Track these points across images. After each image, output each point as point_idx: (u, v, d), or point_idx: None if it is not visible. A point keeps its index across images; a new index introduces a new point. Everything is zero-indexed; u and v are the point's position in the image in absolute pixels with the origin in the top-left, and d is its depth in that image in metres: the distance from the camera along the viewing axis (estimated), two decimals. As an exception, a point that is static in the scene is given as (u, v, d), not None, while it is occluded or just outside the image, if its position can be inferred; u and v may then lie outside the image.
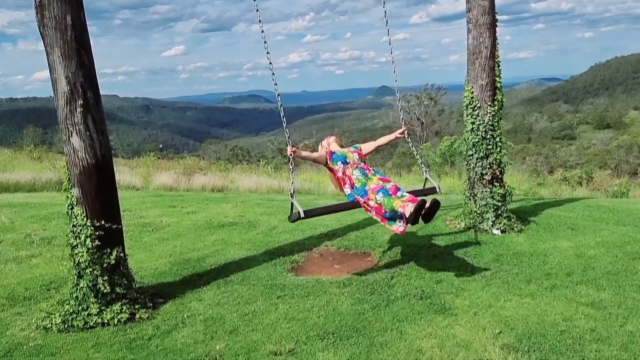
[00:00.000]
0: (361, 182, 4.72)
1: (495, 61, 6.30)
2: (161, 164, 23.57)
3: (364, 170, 4.82)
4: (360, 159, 4.99)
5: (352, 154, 4.98)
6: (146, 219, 8.12)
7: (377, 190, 4.54)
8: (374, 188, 4.59)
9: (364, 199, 4.66)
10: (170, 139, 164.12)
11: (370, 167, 4.95)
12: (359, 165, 4.87)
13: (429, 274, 4.92)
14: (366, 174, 4.79)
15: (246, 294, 4.74)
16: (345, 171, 4.86)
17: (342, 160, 4.90)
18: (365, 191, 4.64)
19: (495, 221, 6.23)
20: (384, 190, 4.53)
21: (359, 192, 4.70)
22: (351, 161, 4.90)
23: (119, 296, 4.40)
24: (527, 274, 4.78)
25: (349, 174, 4.83)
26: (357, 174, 4.78)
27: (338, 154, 4.95)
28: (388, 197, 4.45)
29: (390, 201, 4.41)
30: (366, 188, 4.65)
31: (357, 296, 4.53)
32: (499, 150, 6.34)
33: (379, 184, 4.65)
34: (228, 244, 6.34)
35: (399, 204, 4.35)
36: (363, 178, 4.74)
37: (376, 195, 4.51)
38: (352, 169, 4.83)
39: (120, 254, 4.47)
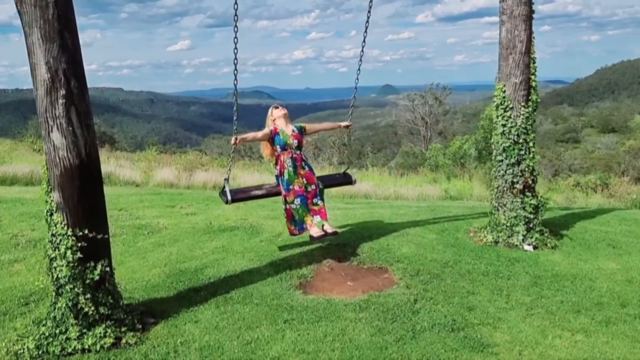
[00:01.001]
0: (289, 175, 5.11)
1: (530, 57, 5.67)
2: (163, 158, 23.05)
3: (295, 162, 5.16)
4: (299, 145, 5.23)
5: (293, 139, 5.21)
6: (142, 220, 7.52)
7: (297, 195, 5.04)
8: (296, 190, 5.06)
9: (284, 193, 5.15)
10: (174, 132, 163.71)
11: (303, 157, 5.26)
12: (293, 155, 5.18)
13: (458, 299, 4.31)
14: (295, 168, 5.14)
15: (248, 315, 4.14)
16: (280, 156, 5.20)
17: (281, 144, 5.19)
18: (289, 189, 5.10)
19: (526, 235, 5.62)
20: (302, 197, 5.04)
21: (284, 184, 5.15)
22: (289, 148, 5.19)
23: (103, 317, 3.80)
24: (574, 302, 4.17)
25: (282, 161, 5.17)
26: (288, 164, 5.14)
27: (280, 136, 5.19)
28: (303, 208, 5.01)
29: (303, 213, 5.01)
30: (290, 187, 5.09)
31: (376, 324, 3.92)
32: (532, 157, 5.72)
33: (302, 186, 5.09)
34: (229, 252, 5.74)
35: (309, 221, 5.00)
36: (292, 171, 5.13)
37: (295, 199, 5.04)
38: (286, 157, 5.16)
39: (106, 267, 3.87)
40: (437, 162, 19.87)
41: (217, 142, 60.49)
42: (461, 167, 18.54)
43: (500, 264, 5.06)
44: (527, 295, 4.33)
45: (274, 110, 5.43)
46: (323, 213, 5.06)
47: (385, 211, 7.82)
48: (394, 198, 13.08)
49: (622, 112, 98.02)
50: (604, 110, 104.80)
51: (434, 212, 7.63)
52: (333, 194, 12.77)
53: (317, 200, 5.10)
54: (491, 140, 6.04)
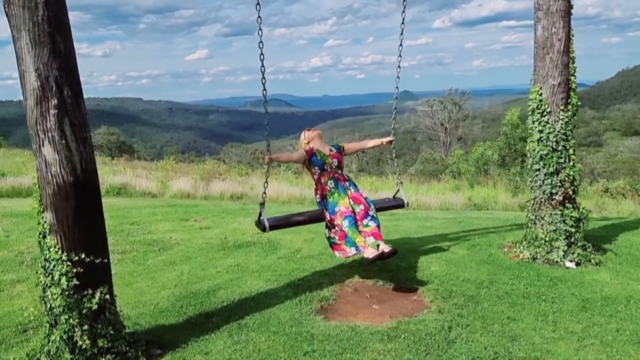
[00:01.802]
0: (333, 197, 4.59)
1: (569, 56, 5.19)
2: (181, 167, 22.89)
3: (339, 182, 4.66)
4: (339, 165, 4.80)
5: (331, 159, 4.78)
6: (154, 235, 7.20)
7: (345, 216, 4.47)
8: (343, 212, 4.50)
9: (330, 217, 4.59)
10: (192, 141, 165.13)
11: (346, 177, 4.76)
12: (335, 175, 4.71)
13: (498, 326, 3.84)
14: (340, 188, 4.63)
15: (264, 346, 3.72)
16: (320, 178, 4.73)
17: (319, 165, 4.74)
18: (334, 211, 4.55)
19: (567, 251, 5.12)
20: (351, 218, 4.47)
21: (328, 207, 4.61)
22: (328, 168, 4.74)
23: (102, 351, 3.43)
24: (632, 330, 3.66)
25: (323, 183, 4.69)
26: (330, 185, 4.65)
27: (317, 157, 4.75)
28: (353, 229, 4.43)
29: (354, 235, 4.42)
30: (336, 209, 4.55)
31: (407, 357, 3.47)
32: (572, 165, 5.22)
33: (348, 207, 4.53)
34: (244, 271, 5.34)
35: (361, 242, 4.38)
36: (336, 193, 4.61)
37: (343, 221, 4.47)
38: (327, 178, 4.69)
39: (106, 295, 3.50)
40: (459, 169, 19.29)
41: (236, 150, 60.54)
42: (484, 174, 17.94)
43: (541, 284, 4.56)
44: (576, 322, 3.83)
45: (307, 132, 4.98)
46: (377, 234, 4.47)
47: (411, 224, 7.36)
48: (416, 206, 12.59)
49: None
50: (627, 113, 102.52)
51: (462, 225, 7.15)
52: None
53: (368, 221, 4.52)
54: (526, 147, 5.57)
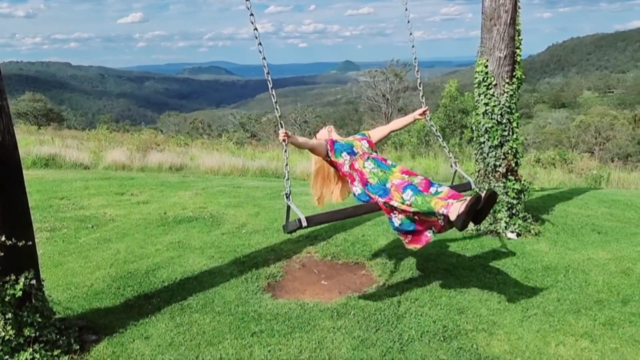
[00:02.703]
0: (378, 176, 3.51)
1: (516, 29, 5.20)
2: (115, 137, 21.78)
3: (379, 161, 3.63)
4: (371, 147, 3.84)
5: (359, 141, 3.82)
6: (87, 211, 6.74)
7: (404, 187, 3.31)
8: (398, 184, 3.36)
9: (384, 199, 3.42)
10: (127, 109, 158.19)
11: (384, 158, 3.73)
12: (370, 156, 3.69)
13: (446, 299, 3.86)
14: (384, 166, 3.60)
15: (209, 328, 3.55)
16: (353, 164, 3.66)
17: (348, 150, 3.72)
18: (386, 189, 3.41)
19: (509, 222, 5.24)
20: (412, 186, 3.32)
21: (377, 190, 3.47)
22: (360, 151, 3.73)
23: (30, 340, 3.14)
24: (572, 300, 3.79)
25: (358, 168, 3.63)
26: (370, 167, 3.59)
27: (342, 142, 3.78)
28: (421, 195, 3.24)
29: (426, 200, 3.20)
30: (387, 185, 3.42)
31: (357, 334, 3.42)
32: (515, 138, 5.31)
33: (404, 178, 3.42)
34: (186, 249, 5.10)
35: (440, 202, 3.14)
36: (380, 171, 3.54)
37: (403, 194, 3.29)
38: (363, 161, 3.64)
39: (31, 280, 3.18)
40: (400, 140, 19.55)
41: (174, 119, 58.44)
42: (425, 145, 18.30)
43: (486, 255, 4.65)
44: (520, 292, 3.93)
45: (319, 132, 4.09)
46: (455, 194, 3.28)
47: (356, 196, 7.32)
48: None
49: (571, 88, 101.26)
50: (555, 86, 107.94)
51: (407, 196, 7.19)
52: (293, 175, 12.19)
53: (437, 188, 3.39)
54: (466, 119, 5.59)
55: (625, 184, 12.51)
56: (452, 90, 22.04)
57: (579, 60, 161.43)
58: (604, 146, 36.89)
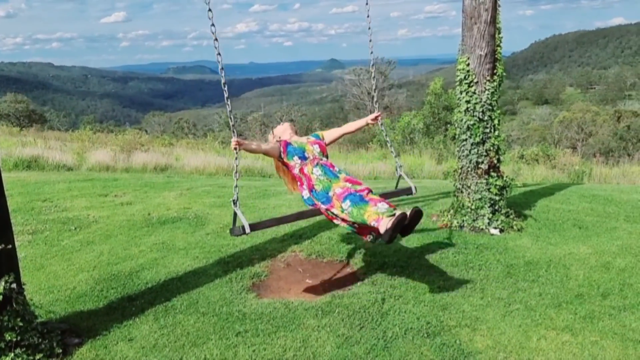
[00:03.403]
0: (323, 184, 3.72)
1: (496, 27, 5.26)
2: (99, 138, 21.54)
3: (327, 168, 3.82)
4: (322, 152, 4.01)
5: (311, 145, 3.99)
6: (69, 213, 6.67)
7: (345, 197, 3.54)
8: (340, 193, 3.58)
9: (326, 206, 3.67)
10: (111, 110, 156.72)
11: (334, 164, 3.93)
12: (320, 162, 3.87)
13: (429, 295, 3.90)
14: (330, 173, 3.79)
15: (193, 329, 3.54)
16: (303, 168, 3.87)
17: (299, 154, 3.90)
18: (329, 197, 3.64)
19: (492, 218, 5.29)
20: (352, 196, 3.53)
21: (320, 197, 3.71)
22: (311, 156, 3.91)
23: (11, 345, 3.10)
24: (552, 294, 3.84)
25: (307, 173, 3.83)
26: (317, 173, 3.79)
27: (294, 146, 3.95)
28: (357, 207, 3.46)
29: (361, 212, 3.42)
30: (330, 193, 3.65)
31: (342, 332, 3.44)
32: (497, 135, 5.36)
33: (345, 187, 3.63)
34: (170, 250, 5.07)
35: (372, 215, 3.37)
36: (325, 179, 3.74)
37: (342, 203, 3.53)
38: (312, 167, 3.83)
39: (12, 284, 3.15)
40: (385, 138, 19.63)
41: (158, 119, 58.02)
42: (410, 142, 18.39)
43: (468, 252, 4.70)
44: (502, 288, 3.98)
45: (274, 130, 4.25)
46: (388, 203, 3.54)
47: (341, 194, 7.34)
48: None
49: (554, 85, 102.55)
50: (538, 83, 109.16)
51: (392, 194, 7.22)
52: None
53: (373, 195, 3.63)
54: (450, 116, 5.64)
55: (607, 179, 12.71)
56: (437, 88, 22.19)
57: (562, 57, 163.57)
58: (587, 142, 37.41)
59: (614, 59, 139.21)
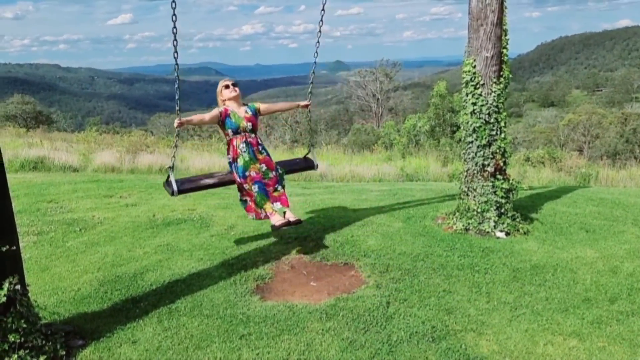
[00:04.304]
0: (244, 161, 4.55)
1: (502, 29, 5.22)
2: (104, 139, 21.59)
3: (250, 146, 4.61)
4: (253, 128, 4.70)
5: (246, 122, 4.67)
6: (75, 214, 6.68)
7: (255, 181, 4.46)
8: (253, 177, 4.49)
9: (240, 180, 4.57)
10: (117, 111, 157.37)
11: (259, 140, 4.71)
12: (248, 139, 4.63)
13: (435, 299, 3.87)
14: (252, 153, 4.59)
15: (197, 331, 3.53)
16: (232, 140, 4.64)
17: (233, 128, 4.62)
18: (245, 175, 4.52)
19: (497, 221, 5.25)
20: (261, 184, 4.46)
21: (238, 170, 4.57)
22: (242, 131, 4.64)
23: (15, 346, 3.10)
24: (559, 299, 3.80)
25: (234, 145, 4.61)
26: (242, 148, 4.59)
27: (232, 120, 4.63)
28: (262, 195, 4.42)
29: (263, 201, 4.41)
30: (246, 172, 4.52)
31: (346, 335, 3.41)
32: (503, 137, 5.33)
33: (259, 172, 4.52)
34: (174, 252, 5.07)
35: (268, 209, 4.39)
36: (247, 156, 4.56)
37: (252, 186, 4.46)
38: (240, 141, 4.61)
39: (16, 286, 3.14)
40: (390, 140, 19.59)
41: (164, 120, 58.13)
42: (415, 144, 18.34)
43: (474, 255, 4.66)
44: (508, 292, 3.94)
45: (224, 91, 4.78)
46: (284, 200, 4.50)
47: (346, 197, 7.31)
48: (350, 177, 12.64)
49: (560, 87, 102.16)
50: (544, 85, 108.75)
51: (397, 197, 7.20)
52: (289, 177, 12.17)
53: (278, 186, 4.56)
54: (455, 118, 5.61)
55: (613, 182, 12.62)
56: (441, 89, 22.17)
57: (568, 59, 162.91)
58: (593, 144, 37.21)
59: (620, 61, 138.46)
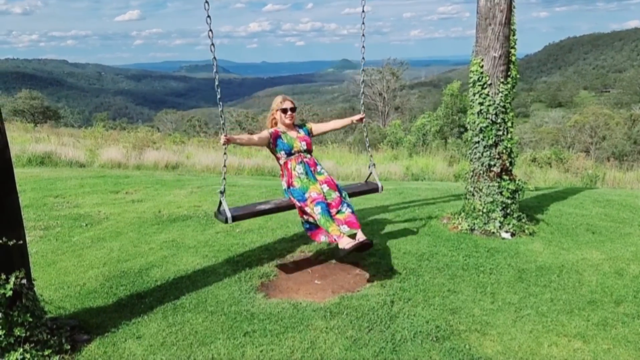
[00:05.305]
0: (302, 183, 4.19)
1: (510, 29, 5.19)
2: (111, 135, 21.69)
3: (308, 168, 4.27)
4: (308, 149, 4.36)
5: (300, 142, 4.34)
6: (81, 209, 6.73)
7: (317, 202, 4.03)
8: (314, 198, 4.07)
9: (300, 204, 4.14)
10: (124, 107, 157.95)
11: (317, 161, 4.36)
12: (304, 159, 4.30)
13: (439, 299, 3.86)
14: (310, 174, 4.25)
15: (201, 327, 3.54)
16: (287, 163, 4.29)
17: (286, 150, 4.29)
18: (304, 197, 4.12)
19: (503, 222, 5.23)
20: (323, 204, 4.03)
21: (297, 194, 4.17)
22: (296, 152, 4.30)
23: (20, 340, 3.12)
24: (565, 300, 3.78)
25: (290, 168, 4.27)
26: (299, 171, 4.24)
27: (284, 140, 4.30)
28: (326, 217, 3.99)
29: (327, 224, 3.97)
30: (305, 195, 4.12)
31: (350, 334, 3.41)
32: (510, 138, 5.30)
33: (320, 192, 4.11)
34: (180, 248, 5.08)
35: (335, 231, 3.95)
36: (305, 178, 4.21)
37: (314, 207, 4.03)
38: (296, 163, 4.27)
39: (22, 280, 3.16)
40: (397, 139, 19.55)
41: (171, 117, 58.35)
42: (423, 143, 18.30)
43: (479, 255, 4.64)
44: (513, 293, 3.92)
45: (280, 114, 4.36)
46: (352, 222, 4.05)
47: (351, 195, 7.31)
48: (357, 176, 12.63)
49: (568, 87, 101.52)
50: (552, 85, 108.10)
51: (403, 196, 7.19)
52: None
53: (343, 208, 4.12)
54: (466, 119, 5.59)
55: (620, 184, 12.56)
56: (454, 89, 22.14)
57: (576, 60, 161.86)
58: (600, 145, 36.95)
59: (629, 62, 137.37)
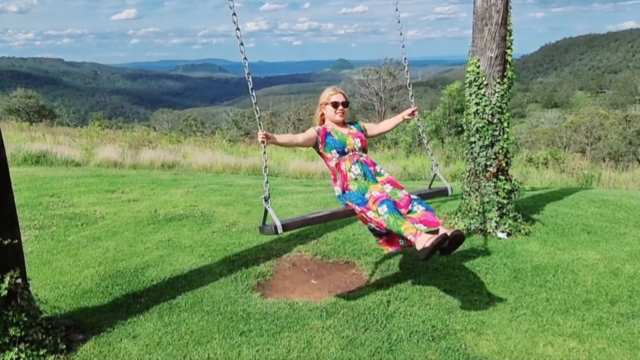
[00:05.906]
0: (359, 184, 3.47)
1: (507, 29, 5.20)
2: (107, 134, 21.63)
3: (366, 167, 3.58)
4: (363, 147, 3.72)
5: (353, 138, 3.69)
6: (76, 208, 6.70)
7: (381, 201, 3.26)
8: (377, 197, 3.30)
9: (360, 208, 3.40)
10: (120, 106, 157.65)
11: (375, 161, 3.70)
12: (360, 158, 3.61)
13: (435, 299, 3.86)
14: (369, 173, 3.56)
15: (197, 327, 3.53)
16: (340, 164, 3.60)
17: (338, 148, 3.61)
18: (364, 199, 3.37)
19: (499, 222, 5.24)
20: (389, 202, 3.27)
21: (354, 198, 3.45)
22: (350, 151, 3.63)
23: (15, 340, 3.10)
24: (560, 300, 3.80)
25: (344, 169, 3.58)
26: (355, 172, 3.54)
27: (334, 137, 3.64)
28: (394, 215, 3.19)
29: (397, 223, 3.16)
30: (366, 195, 3.37)
31: (346, 333, 3.41)
32: (506, 138, 5.31)
33: (383, 191, 3.38)
34: (176, 247, 5.07)
35: (410, 229, 3.13)
36: (363, 179, 3.51)
37: (379, 207, 3.25)
38: (350, 163, 3.58)
39: (17, 279, 3.15)
40: (394, 139, 19.58)
41: (167, 116, 58.25)
42: (419, 144, 18.32)
43: (475, 255, 4.65)
44: (509, 292, 3.94)
45: (330, 107, 3.71)
46: (429, 219, 3.33)
47: (347, 195, 7.31)
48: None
49: (564, 88, 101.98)
50: (548, 86, 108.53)
51: (399, 195, 7.19)
52: (290, 175, 12.18)
53: (414, 206, 3.41)
54: (463, 120, 5.60)
55: (616, 184, 12.59)
56: (453, 89, 22.21)
57: (572, 60, 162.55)
58: (596, 146, 37.12)
59: (625, 62, 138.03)
